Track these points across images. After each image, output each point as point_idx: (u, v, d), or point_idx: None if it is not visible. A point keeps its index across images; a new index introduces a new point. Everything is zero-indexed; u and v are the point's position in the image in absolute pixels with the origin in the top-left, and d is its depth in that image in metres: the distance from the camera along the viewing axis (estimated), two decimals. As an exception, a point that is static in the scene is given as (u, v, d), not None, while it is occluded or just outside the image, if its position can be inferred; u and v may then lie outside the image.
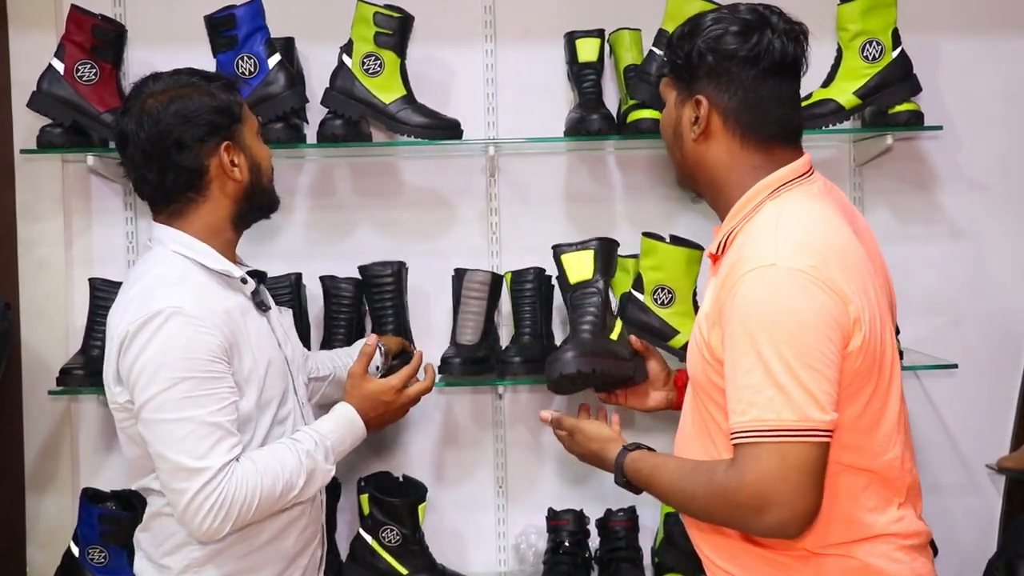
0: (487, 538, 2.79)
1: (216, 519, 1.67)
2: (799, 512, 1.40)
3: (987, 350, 2.79)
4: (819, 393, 1.41)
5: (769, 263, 1.44)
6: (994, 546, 2.75)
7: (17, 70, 2.65)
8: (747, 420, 1.41)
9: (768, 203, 1.55)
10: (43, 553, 2.69)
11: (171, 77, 1.81)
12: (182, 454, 1.65)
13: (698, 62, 1.55)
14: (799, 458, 1.39)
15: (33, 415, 2.69)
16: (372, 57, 2.47)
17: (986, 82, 2.78)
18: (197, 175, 1.77)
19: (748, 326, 1.43)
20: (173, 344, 1.66)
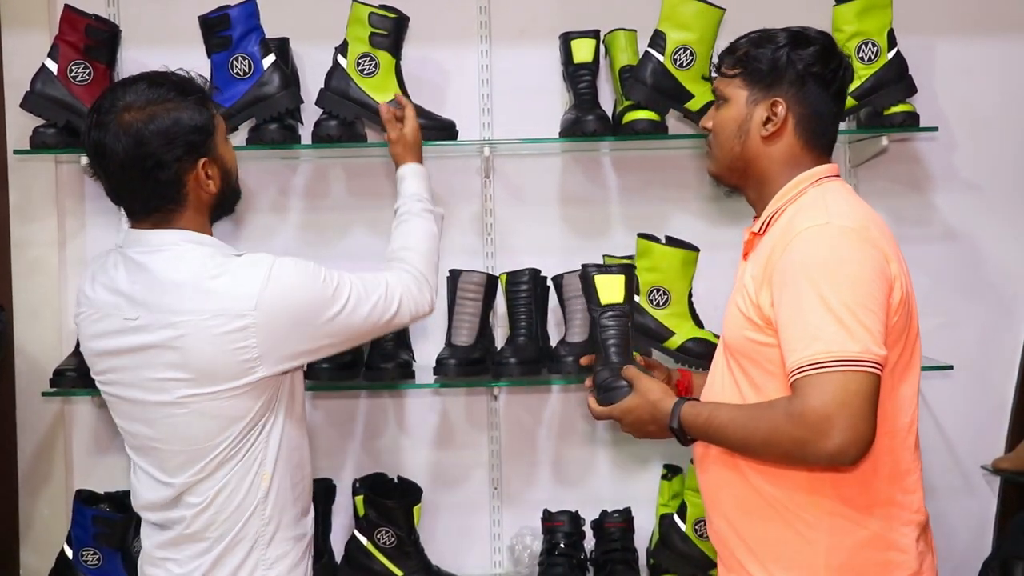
0: (482, 540, 2.78)
1: (423, 294, 1.99)
2: (860, 436, 1.52)
3: (982, 351, 2.79)
4: (875, 331, 1.56)
5: (824, 222, 1.62)
6: (989, 547, 2.76)
7: (10, 70, 2.64)
8: (811, 353, 1.54)
9: (811, 189, 1.73)
10: (36, 555, 2.68)
11: (148, 89, 1.76)
12: (376, 294, 1.89)
13: (784, 69, 1.73)
14: (860, 386, 1.52)
15: (26, 417, 2.68)
16: (367, 58, 2.46)
17: (981, 84, 2.78)
18: (174, 188, 1.77)
19: (808, 273, 1.58)
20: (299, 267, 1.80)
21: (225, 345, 1.73)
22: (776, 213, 1.73)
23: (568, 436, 2.79)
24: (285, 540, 1.86)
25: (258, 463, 1.82)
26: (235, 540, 1.81)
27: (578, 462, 2.79)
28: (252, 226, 2.72)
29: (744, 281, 1.72)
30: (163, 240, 1.78)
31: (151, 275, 1.75)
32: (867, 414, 1.53)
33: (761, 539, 1.70)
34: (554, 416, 2.79)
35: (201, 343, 1.73)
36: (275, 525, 1.84)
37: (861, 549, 1.64)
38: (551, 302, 2.63)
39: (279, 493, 1.85)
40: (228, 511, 1.81)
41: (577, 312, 2.54)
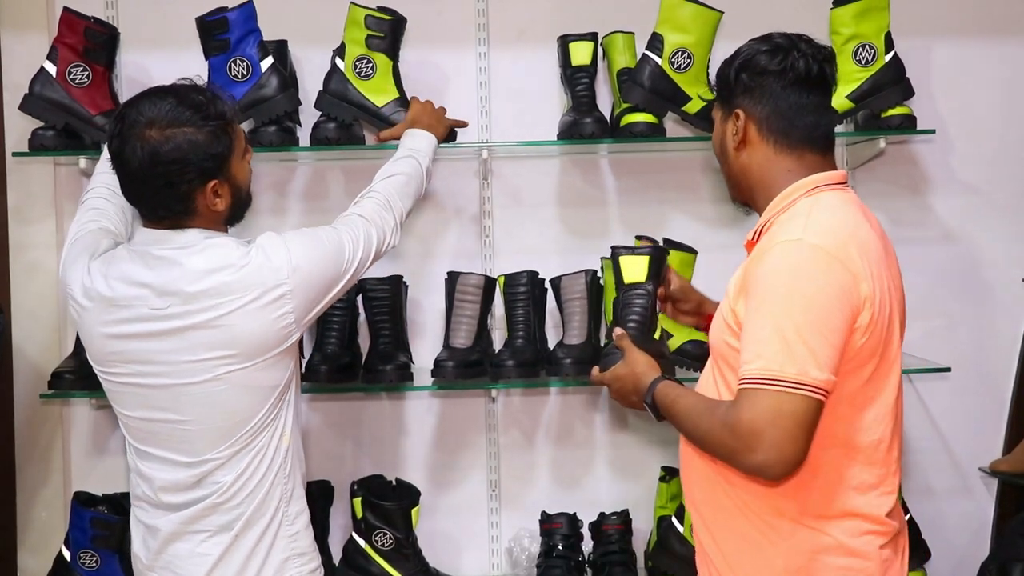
0: (480, 542, 2.78)
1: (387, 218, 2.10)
2: (784, 456, 1.56)
3: (980, 353, 2.79)
4: (820, 355, 1.56)
5: (796, 238, 1.63)
6: (987, 549, 2.76)
7: (9, 72, 2.65)
8: (754, 368, 1.57)
9: (803, 199, 1.71)
10: (34, 557, 2.68)
11: (173, 108, 1.83)
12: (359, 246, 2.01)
13: (735, 81, 1.76)
14: (792, 407, 1.55)
15: (24, 418, 2.68)
16: (364, 60, 2.47)
17: (979, 86, 2.78)
18: (184, 203, 1.86)
19: (769, 288, 1.61)
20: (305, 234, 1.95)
21: (268, 316, 1.84)
22: (767, 223, 1.73)
23: (566, 438, 2.79)
24: (300, 497, 1.97)
25: (281, 425, 1.93)
26: (263, 504, 1.91)
27: (576, 464, 2.79)
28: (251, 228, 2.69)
29: (728, 286, 1.74)
30: (186, 239, 1.87)
31: (182, 267, 1.84)
32: (795, 436, 1.55)
33: (728, 537, 1.72)
34: (552, 418, 2.79)
35: (245, 319, 1.83)
36: (293, 483, 1.96)
37: (819, 554, 1.66)
38: (549, 304, 2.63)
39: (295, 451, 1.97)
40: (257, 477, 1.91)
41: (575, 314, 2.55)
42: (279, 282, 1.85)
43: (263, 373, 1.88)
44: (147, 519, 1.95)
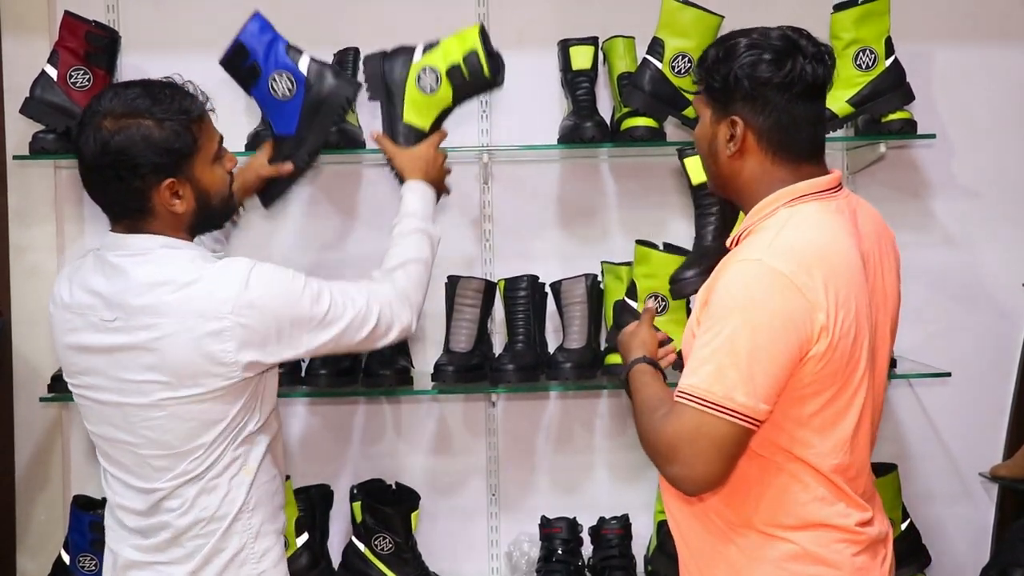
0: (480, 546, 2.78)
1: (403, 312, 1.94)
2: (695, 473, 1.56)
3: (980, 358, 2.79)
4: (755, 383, 1.54)
5: (756, 258, 1.58)
6: (987, 554, 2.76)
7: (10, 76, 2.65)
8: (686, 383, 1.57)
9: (782, 209, 1.66)
10: (33, 561, 2.68)
11: (133, 99, 1.75)
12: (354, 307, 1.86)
13: (735, 86, 1.65)
14: (712, 429, 1.54)
15: (24, 422, 2.68)
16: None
17: (979, 91, 2.79)
18: (139, 201, 1.76)
19: (719, 306, 1.58)
20: (278, 274, 1.81)
21: (202, 348, 1.73)
22: (747, 229, 1.68)
23: (566, 443, 2.79)
24: (269, 534, 1.88)
25: (240, 462, 1.83)
26: (223, 540, 1.81)
27: (576, 469, 2.79)
28: (250, 231, 2.71)
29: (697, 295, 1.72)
30: (141, 245, 1.78)
31: (129, 278, 1.75)
32: (710, 457, 1.54)
33: (698, 543, 1.72)
34: (552, 423, 2.79)
35: (178, 346, 1.73)
36: (261, 519, 1.86)
37: (786, 562, 1.63)
38: (549, 308, 2.63)
39: (261, 488, 1.86)
40: (210, 511, 1.81)
41: (575, 319, 2.55)
42: (220, 315, 1.72)
43: (202, 406, 1.77)
44: (112, 543, 1.89)
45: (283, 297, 1.78)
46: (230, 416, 1.79)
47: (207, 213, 1.83)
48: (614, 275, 2.61)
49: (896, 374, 2.61)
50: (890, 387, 2.78)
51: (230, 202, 1.89)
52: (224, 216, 1.91)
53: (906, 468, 2.74)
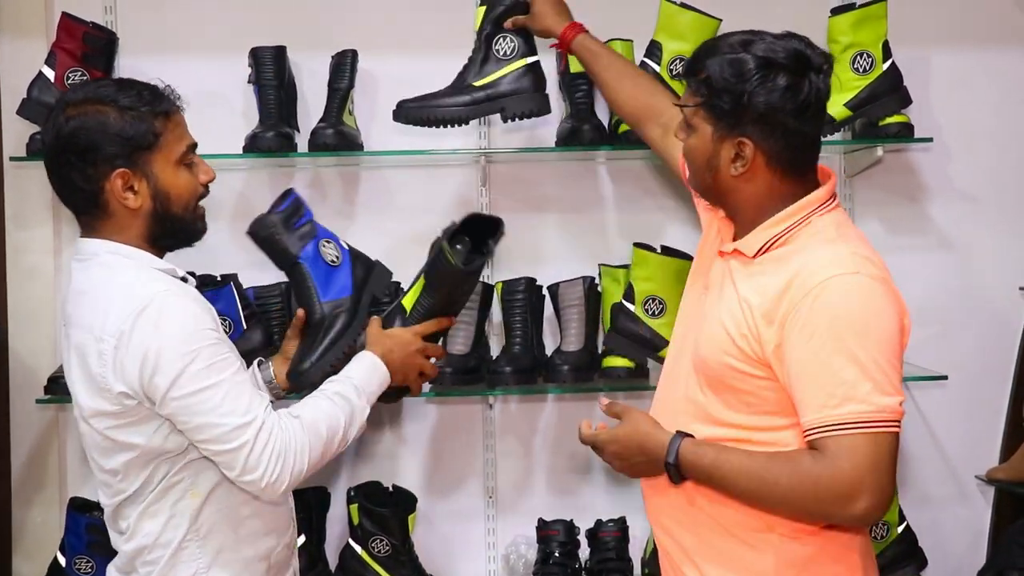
0: (476, 548, 2.78)
1: (276, 468, 1.67)
2: (886, 497, 1.53)
3: (977, 361, 2.80)
4: (899, 386, 1.56)
5: (852, 271, 1.57)
6: (983, 557, 2.76)
7: (7, 77, 2.65)
8: (843, 412, 1.51)
9: (815, 218, 1.65)
10: (29, 563, 2.67)
11: (97, 89, 1.73)
12: (227, 415, 1.65)
13: (746, 109, 1.59)
14: (889, 447, 1.53)
15: (21, 423, 2.67)
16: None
17: (976, 94, 2.79)
18: (92, 195, 1.71)
19: (838, 328, 1.54)
20: (179, 321, 1.66)
21: (89, 366, 1.67)
22: (776, 240, 1.64)
23: (563, 445, 2.78)
24: (232, 563, 1.76)
25: (185, 486, 1.72)
26: (170, 568, 1.73)
27: (573, 471, 2.79)
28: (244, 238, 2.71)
29: (740, 304, 1.63)
30: (88, 249, 1.74)
31: (71, 284, 1.75)
32: (893, 474, 1.54)
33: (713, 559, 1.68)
34: (549, 425, 2.79)
35: (81, 358, 1.69)
36: (215, 547, 1.75)
37: (809, 564, 1.63)
38: (547, 311, 2.63)
39: (221, 514, 1.75)
40: (153, 536, 1.73)
41: (572, 321, 2.55)
42: (103, 336, 1.63)
43: (108, 427, 1.69)
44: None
45: (165, 348, 1.63)
46: (145, 443, 1.69)
47: (168, 219, 1.74)
48: (612, 278, 2.61)
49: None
50: (887, 390, 2.78)
51: (196, 214, 1.79)
52: (191, 231, 1.80)
53: (903, 471, 2.74)
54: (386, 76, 2.70)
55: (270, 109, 2.52)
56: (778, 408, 1.61)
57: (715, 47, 1.65)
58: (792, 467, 1.55)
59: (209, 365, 1.65)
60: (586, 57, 2.16)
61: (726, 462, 1.60)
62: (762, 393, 1.62)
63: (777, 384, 1.60)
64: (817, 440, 1.53)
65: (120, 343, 1.64)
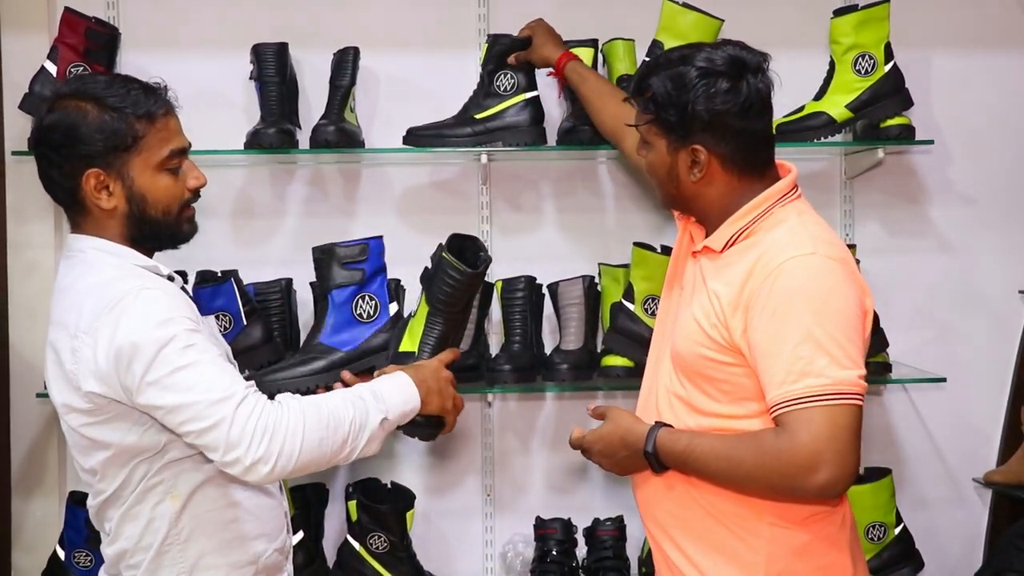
0: (474, 546, 2.78)
1: (261, 445, 1.55)
2: (848, 470, 1.55)
3: (975, 364, 2.80)
4: (860, 362, 1.59)
5: (809, 252, 1.62)
6: (980, 560, 2.76)
7: (9, 72, 2.65)
8: (800, 387, 1.55)
9: (777, 209, 1.71)
10: (28, 556, 2.68)
11: (87, 84, 1.71)
12: (205, 392, 1.57)
13: (692, 118, 1.67)
14: (846, 419, 1.55)
15: (20, 418, 2.68)
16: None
17: (977, 97, 2.79)
18: (70, 191, 1.69)
19: (796, 304, 1.58)
20: (153, 312, 1.61)
21: (64, 363, 1.65)
22: (741, 233, 1.70)
23: (561, 444, 2.78)
24: (214, 568, 1.73)
25: (164, 488, 1.70)
26: (151, 571, 1.71)
27: (571, 470, 2.79)
28: (248, 230, 2.72)
29: (709, 296, 1.69)
30: (75, 245, 1.73)
31: (56, 281, 1.73)
32: (854, 447, 1.56)
33: (704, 551, 1.71)
34: (548, 424, 2.79)
35: (55, 354, 1.67)
36: (197, 552, 1.72)
37: (801, 553, 1.67)
38: (546, 310, 2.63)
39: (203, 518, 1.72)
40: (134, 540, 1.71)
41: (572, 320, 2.55)
42: (77, 332, 1.61)
43: (83, 425, 1.67)
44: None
45: (139, 334, 1.58)
46: (119, 441, 1.66)
47: (146, 222, 1.71)
48: (611, 277, 2.61)
49: (891, 379, 2.61)
50: (885, 392, 2.79)
51: (181, 217, 1.75)
52: (174, 234, 1.76)
53: (900, 473, 2.75)
54: (387, 73, 2.71)
55: (272, 106, 2.52)
56: (755, 394, 1.65)
57: (656, 65, 1.73)
58: (756, 444, 1.60)
59: (185, 347, 1.59)
60: (575, 80, 2.38)
61: (698, 446, 1.66)
62: (737, 380, 1.66)
63: (750, 370, 1.64)
64: (779, 416, 1.58)
65: (94, 341, 1.61)
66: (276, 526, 1.83)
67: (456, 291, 1.94)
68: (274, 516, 1.83)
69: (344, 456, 1.66)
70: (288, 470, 1.60)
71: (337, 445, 1.64)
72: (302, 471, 1.63)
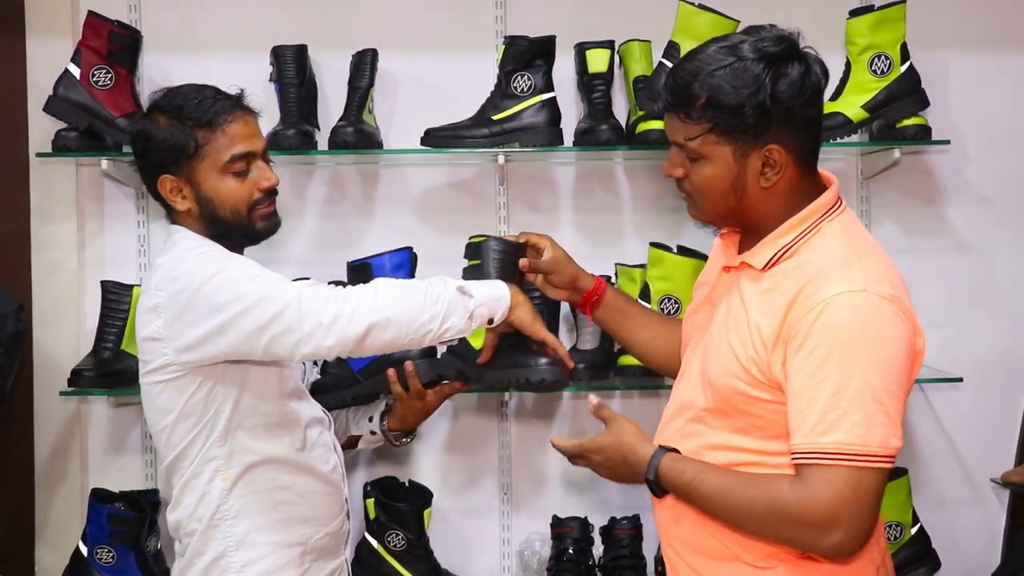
0: (491, 544, 2.80)
1: (337, 306, 1.66)
2: (863, 534, 1.46)
3: (992, 364, 2.79)
4: (897, 420, 1.46)
5: (860, 288, 1.48)
6: (997, 560, 2.76)
7: (34, 74, 2.68)
8: (828, 442, 1.44)
9: (824, 224, 1.58)
10: (52, 552, 2.71)
11: (169, 96, 1.85)
12: (258, 277, 1.72)
13: (770, 112, 1.51)
14: (872, 483, 1.45)
15: (44, 415, 2.71)
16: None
17: (994, 97, 2.79)
18: (153, 192, 1.87)
19: (836, 349, 1.45)
20: (213, 258, 1.77)
21: (146, 324, 1.80)
22: (785, 251, 1.57)
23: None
24: (261, 544, 1.83)
25: (217, 465, 1.82)
26: (203, 542, 1.82)
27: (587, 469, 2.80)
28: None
29: (750, 328, 1.55)
30: (170, 232, 1.89)
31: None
32: (874, 511, 1.47)
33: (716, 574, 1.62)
34: (564, 422, 2.80)
35: (140, 315, 1.83)
36: (244, 529, 1.82)
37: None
38: (563, 309, 2.64)
39: (252, 498, 1.83)
40: (190, 508, 1.83)
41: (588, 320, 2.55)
42: (154, 290, 1.79)
43: (153, 389, 1.80)
44: None
45: (194, 273, 1.74)
46: (178, 410, 1.80)
47: (218, 221, 1.84)
48: (628, 277, 2.62)
49: (908, 378, 2.61)
50: (902, 392, 2.78)
51: (254, 215, 1.86)
52: (248, 232, 1.87)
53: (917, 472, 2.74)
54: (406, 75, 2.73)
55: (291, 107, 2.55)
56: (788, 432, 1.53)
57: (697, 68, 1.53)
58: (770, 491, 1.50)
59: (242, 272, 1.73)
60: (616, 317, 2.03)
61: (703, 482, 1.55)
62: (771, 417, 1.55)
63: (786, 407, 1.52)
64: (800, 465, 1.47)
65: (164, 288, 1.76)
66: (330, 512, 1.93)
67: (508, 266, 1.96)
68: (328, 502, 1.93)
69: (427, 324, 1.72)
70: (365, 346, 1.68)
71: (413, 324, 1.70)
72: (384, 336, 1.68)
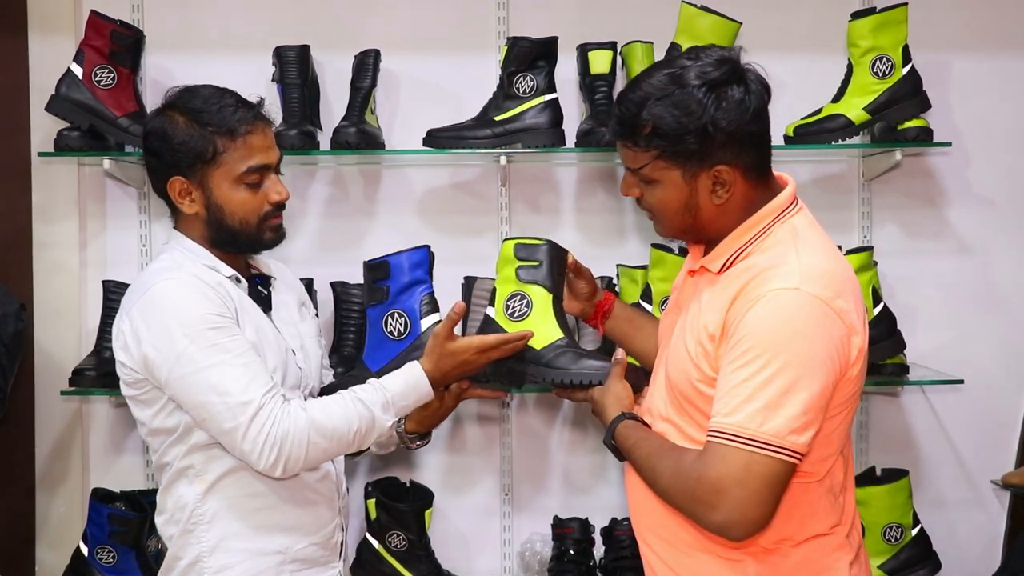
0: (492, 545, 2.80)
1: (271, 454, 1.72)
2: (747, 517, 1.48)
3: (993, 366, 2.80)
4: (804, 418, 1.48)
5: (793, 286, 1.51)
6: (998, 561, 2.76)
7: (36, 74, 2.68)
8: (729, 423, 1.49)
9: (776, 226, 1.61)
10: (52, 552, 2.71)
11: (187, 95, 1.84)
12: (224, 394, 1.71)
13: (713, 137, 1.55)
14: (764, 470, 1.47)
15: (45, 415, 2.71)
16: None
17: (995, 99, 2.79)
18: (161, 191, 1.86)
19: (758, 340, 1.50)
20: (177, 305, 1.74)
21: (116, 346, 1.81)
22: (738, 254, 1.61)
23: (579, 443, 2.80)
24: (236, 551, 1.82)
25: (194, 471, 1.82)
26: (181, 546, 1.83)
27: (589, 469, 2.81)
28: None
29: (697, 332, 1.61)
30: (169, 238, 1.91)
31: None
32: (764, 498, 1.47)
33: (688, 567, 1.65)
34: (565, 423, 2.81)
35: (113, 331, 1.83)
36: (219, 534, 1.81)
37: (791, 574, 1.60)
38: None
39: (227, 503, 1.82)
40: (168, 514, 1.85)
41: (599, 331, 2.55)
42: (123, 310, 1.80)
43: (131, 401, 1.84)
44: None
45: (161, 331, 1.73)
46: (149, 421, 1.82)
47: (224, 229, 1.83)
48: (629, 278, 2.63)
49: (909, 380, 2.62)
50: (903, 393, 2.79)
51: (262, 227, 1.86)
52: (253, 242, 1.87)
53: (918, 474, 2.75)
54: (408, 75, 2.73)
55: (293, 107, 2.55)
56: None
57: (640, 99, 1.58)
58: (677, 462, 1.56)
59: (210, 345, 1.72)
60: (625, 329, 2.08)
61: (639, 448, 1.63)
62: None
63: None
64: (707, 441, 1.52)
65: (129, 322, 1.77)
66: (315, 522, 1.90)
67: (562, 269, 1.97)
68: (314, 511, 1.89)
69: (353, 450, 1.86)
70: (296, 472, 1.78)
71: (343, 449, 1.82)
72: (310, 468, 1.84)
